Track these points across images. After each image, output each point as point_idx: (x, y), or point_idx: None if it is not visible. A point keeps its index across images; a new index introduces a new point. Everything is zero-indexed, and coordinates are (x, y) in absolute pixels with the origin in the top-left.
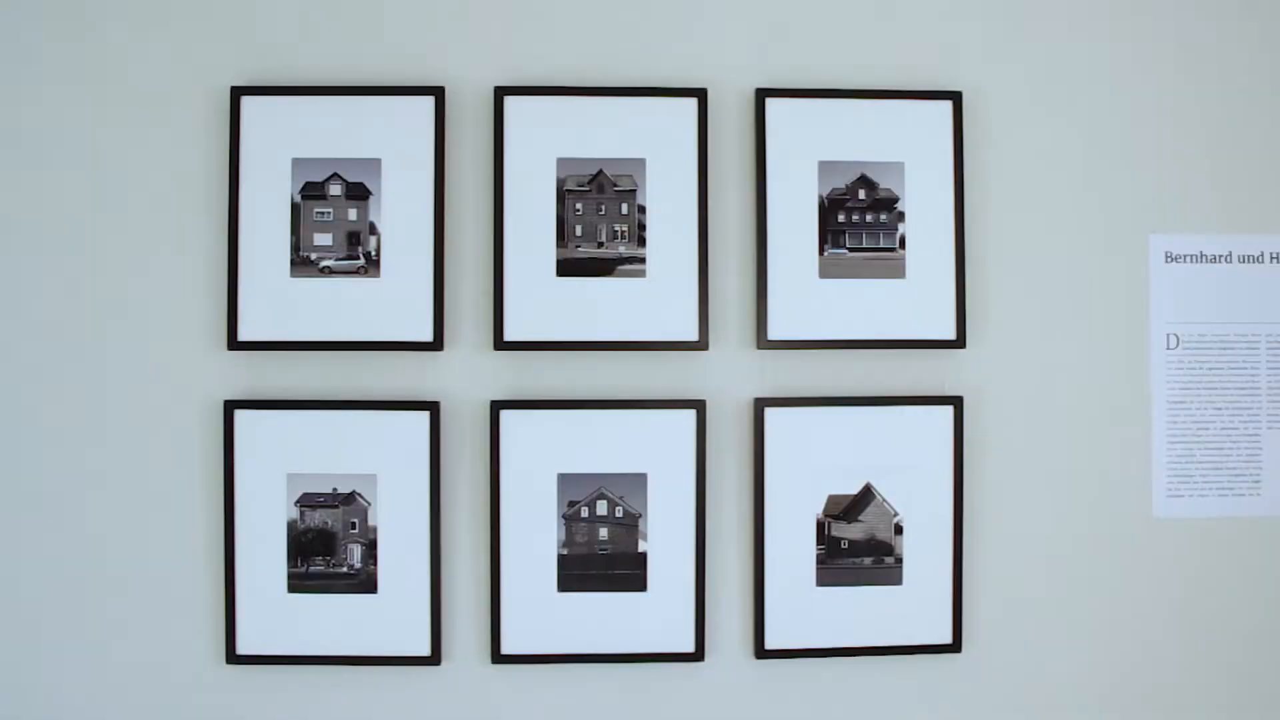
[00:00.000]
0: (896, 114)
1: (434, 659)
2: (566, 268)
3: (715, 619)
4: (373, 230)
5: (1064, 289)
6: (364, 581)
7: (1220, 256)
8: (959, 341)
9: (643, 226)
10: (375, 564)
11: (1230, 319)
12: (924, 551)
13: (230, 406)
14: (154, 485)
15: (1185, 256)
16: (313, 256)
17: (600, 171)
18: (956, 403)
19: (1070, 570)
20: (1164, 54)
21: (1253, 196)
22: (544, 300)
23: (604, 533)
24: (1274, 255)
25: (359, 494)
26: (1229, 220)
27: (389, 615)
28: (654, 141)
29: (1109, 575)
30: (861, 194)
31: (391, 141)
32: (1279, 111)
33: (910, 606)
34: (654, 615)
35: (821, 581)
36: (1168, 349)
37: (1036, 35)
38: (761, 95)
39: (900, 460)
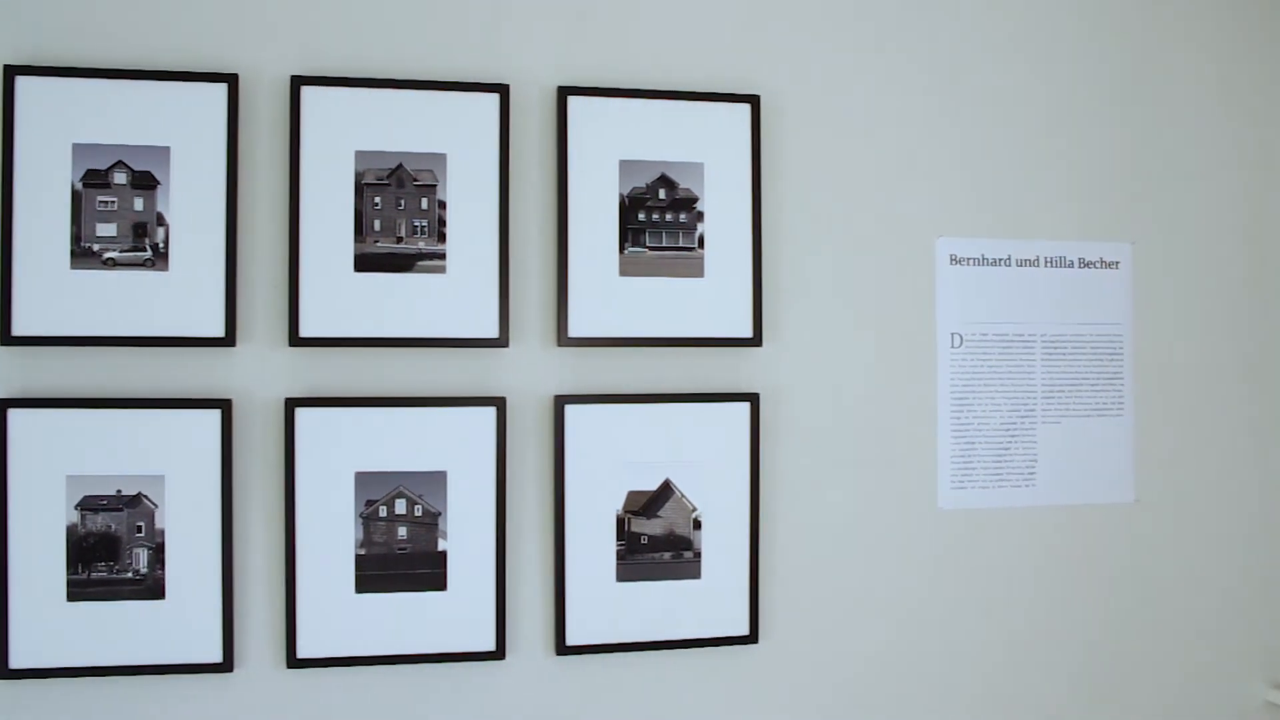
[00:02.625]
0: (697, 115)
1: (226, 666)
2: (365, 263)
3: (516, 617)
4: (161, 221)
5: (856, 289)
6: (151, 587)
7: (1000, 260)
8: (755, 340)
9: (443, 222)
10: (163, 568)
11: (1009, 319)
12: (722, 545)
13: (4, 405)
14: None
15: (969, 259)
16: (95, 248)
17: (400, 165)
18: (753, 399)
19: (861, 561)
20: (951, 65)
21: (1030, 203)
22: (341, 295)
23: (403, 532)
24: (1049, 259)
25: (145, 496)
26: (1009, 225)
27: (178, 622)
28: (455, 136)
29: (898, 565)
30: (661, 193)
31: (181, 129)
32: (1057, 124)
33: (708, 599)
34: (454, 614)
35: (622, 577)
36: (952, 348)
37: (833, 42)
38: (563, 93)
39: (699, 456)
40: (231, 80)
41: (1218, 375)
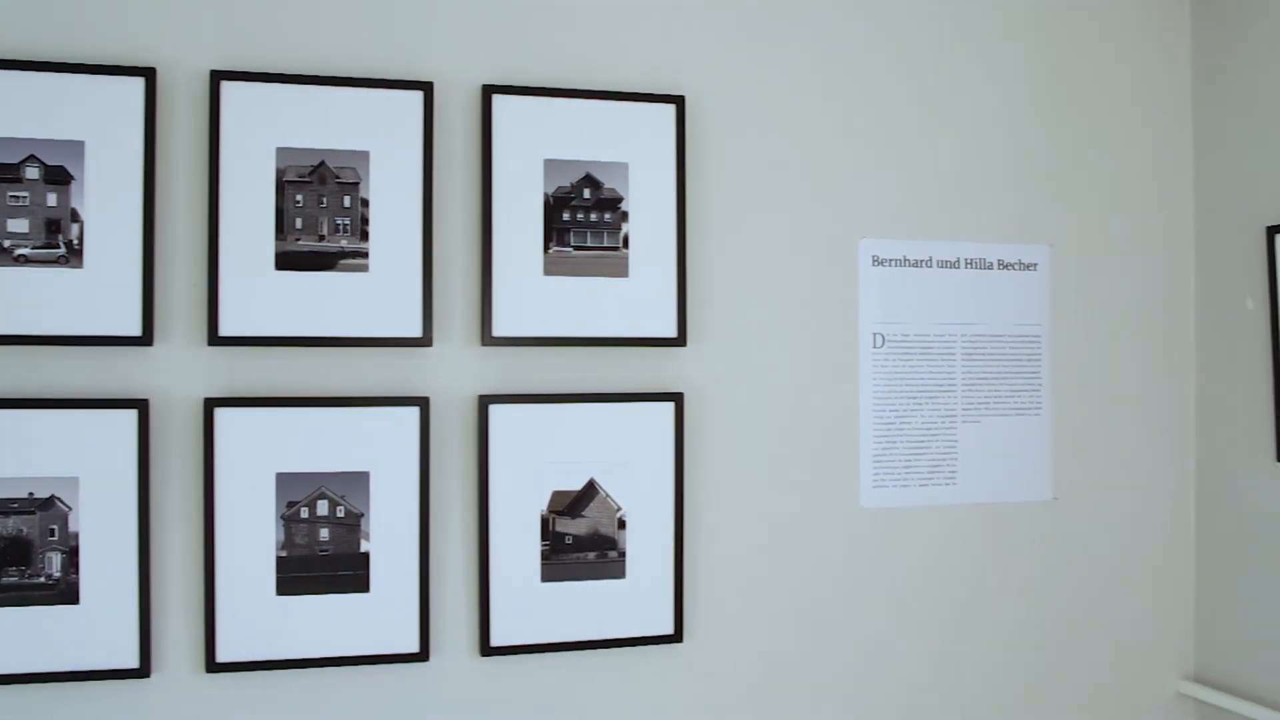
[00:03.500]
0: (622, 115)
1: (143, 671)
2: (286, 261)
3: (440, 618)
4: (75, 217)
5: (780, 289)
6: (64, 592)
7: (922, 261)
8: (680, 340)
9: (366, 220)
10: (77, 573)
11: (930, 320)
12: (646, 545)
13: None
14: None
15: (891, 260)
16: (6, 244)
17: (322, 163)
18: (677, 399)
19: (784, 559)
20: (873, 69)
21: (951, 206)
22: (262, 294)
23: (325, 533)
24: (969, 261)
25: (59, 498)
26: (930, 227)
27: (93, 627)
28: (379, 134)
29: (820, 563)
30: (586, 193)
31: (97, 124)
32: (977, 128)
33: (633, 599)
34: (377, 616)
35: (546, 577)
36: (874, 348)
37: (757, 44)
38: (488, 91)
39: (623, 456)
40: (149, 74)
41: (1132, 375)
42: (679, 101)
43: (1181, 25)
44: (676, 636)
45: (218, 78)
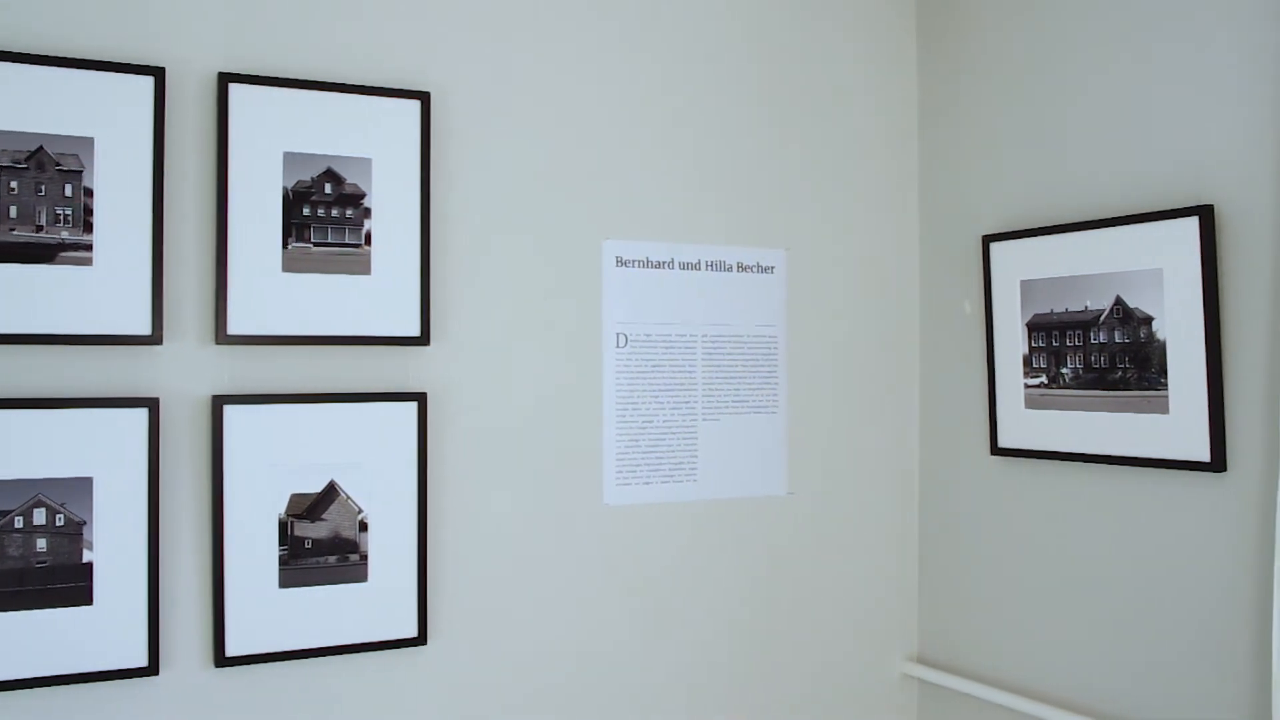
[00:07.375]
0: (365, 109)
1: None
2: None
3: (171, 629)
4: None
5: (525, 289)
6: None
7: (664, 263)
8: (423, 339)
9: (90, 211)
10: None
11: (672, 320)
12: (389, 547)
13: None
14: None
15: (634, 261)
16: None
17: (40, 148)
18: (420, 399)
19: (529, 558)
20: (620, 72)
21: (693, 209)
22: None
23: (42, 544)
24: (709, 263)
25: None
26: (672, 229)
27: None
28: (104, 120)
29: (566, 561)
30: (328, 188)
31: None
32: (719, 133)
33: (376, 602)
34: (102, 629)
35: (285, 583)
36: (618, 348)
37: (504, 43)
38: (225, 80)
39: (365, 457)
40: None
41: (861, 375)
42: (424, 98)
43: (908, 43)
44: (421, 639)
45: None
